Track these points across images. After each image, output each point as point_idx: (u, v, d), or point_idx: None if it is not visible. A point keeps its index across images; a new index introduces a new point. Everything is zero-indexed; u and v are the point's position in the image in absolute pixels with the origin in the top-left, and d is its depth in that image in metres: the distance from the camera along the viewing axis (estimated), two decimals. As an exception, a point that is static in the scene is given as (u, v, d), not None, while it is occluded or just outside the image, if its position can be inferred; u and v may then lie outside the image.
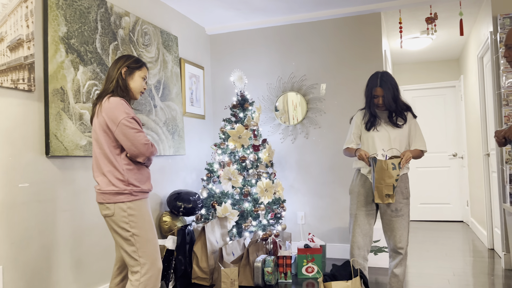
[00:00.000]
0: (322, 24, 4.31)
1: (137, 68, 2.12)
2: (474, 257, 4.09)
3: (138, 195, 2.03)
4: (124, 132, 1.96)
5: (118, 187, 1.98)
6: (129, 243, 2.00)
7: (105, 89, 2.08)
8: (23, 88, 2.33)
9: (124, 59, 2.11)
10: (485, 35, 4.12)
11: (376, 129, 2.57)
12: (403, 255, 2.52)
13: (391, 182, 2.34)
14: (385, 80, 2.50)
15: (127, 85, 2.10)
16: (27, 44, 2.36)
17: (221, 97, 4.69)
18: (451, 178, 6.34)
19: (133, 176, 2.02)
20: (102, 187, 2.00)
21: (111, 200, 1.99)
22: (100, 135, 2.01)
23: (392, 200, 2.38)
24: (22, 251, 2.31)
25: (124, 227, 1.99)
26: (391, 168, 2.32)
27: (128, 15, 3.25)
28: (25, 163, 2.34)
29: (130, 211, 2.00)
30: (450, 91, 6.39)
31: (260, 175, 3.71)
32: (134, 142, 1.97)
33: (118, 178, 1.99)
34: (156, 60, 3.59)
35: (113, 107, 1.97)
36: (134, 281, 2.00)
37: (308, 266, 3.51)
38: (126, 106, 2.00)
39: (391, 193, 2.36)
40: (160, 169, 3.63)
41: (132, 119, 1.98)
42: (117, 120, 1.95)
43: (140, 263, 2.01)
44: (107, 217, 2.02)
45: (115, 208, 1.99)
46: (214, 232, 3.44)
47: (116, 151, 2.01)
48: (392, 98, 2.50)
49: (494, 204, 4.10)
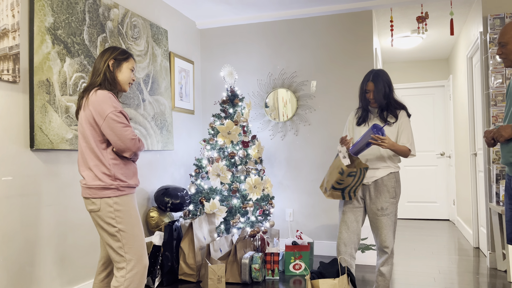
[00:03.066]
0: (314, 20, 4.30)
1: (124, 59, 2.08)
2: (459, 256, 4.13)
3: (124, 190, 1.99)
4: (111, 126, 1.92)
5: (105, 181, 1.94)
6: (115, 239, 1.97)
7: (92, 82, 2.04)
8: (8, 79, 2.27)
9: (111, 51, 2.07)
10: (475, 35, 4.14)
11: (367, 124, 2.57)
12: (389, 254, 2.52)
13: (331, 180, 2.43)
14: (378, 76, 2.50)
15: (115, 77, 2.06)
16: (12, 34, 2.30)
17: (211, 92, 4.65)
18: (438, 177, 6.39)
19: (120, 170, 1.98)
20: (88, 182, 1.96)
21: (97, 195, 1.95)
22: (86, 129, 1.97)
23: (328, 196, 2.47)
24: (5, 246, 2.26)
25: (110, 223, 1.96)
26: (337, 171, 2.38)
27: (117, 7, 3.19)
28: (8, 156, 2.29)
29: (116, 206, 1.96)
30: (439, 90, 6.44)
31: (249, 172, 3.69)
32: (121, 136, 1.93)
33: (104, 172, 1.95)
34: (145, 54, 3.54)
35: (101, 100, 1.93)
36: (120, 277, 1.96)
37: (296, 263, 3.51)
38: (114, 100, 1.96)
39: (328, 188, 2.46)
40: (148, 164, 3.59)
41: (120, 113, 1.95)
42: (104, 114, 1.92)
43: (126, 259, 1.98)
44: (93, 212, 1.99)
45: (101, 203, 1.95)
46: (202, 228, 3.41)
47: (102, 145, 1.97)
48: (382, 95, 2.49)
49: (480, 203, 4.14)
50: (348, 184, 2.40)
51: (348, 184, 2.40)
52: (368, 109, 2.59)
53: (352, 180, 2.39)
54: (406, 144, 2.48)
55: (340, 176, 2.36)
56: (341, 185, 2.40)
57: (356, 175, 2.38)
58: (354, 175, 2.37)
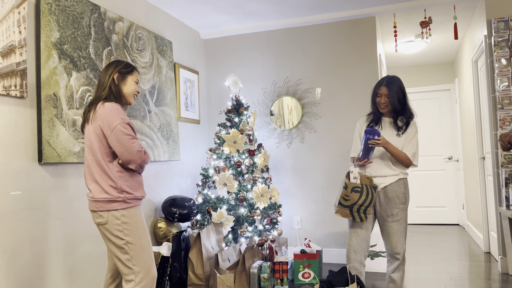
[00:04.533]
0: (317, 28, 4.31)
1: (128, 72, 2.11)
2: (470, 261, 4.08)
3: (131, 202, 2.00)
4: (118, 138, 1.93)
5: (111, 194, 1.95)
6: (123, 251, 1.97)
7: (97, 96, 2.06)
8: (15, 95, 2.30)
9: (115, 65, 2.10)
10: (479, 38, 4.13)
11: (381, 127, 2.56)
12: (401, 260, 2.50)
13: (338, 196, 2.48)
14: (393, 81, 2.49)
15: (120, 90, 2.08)
16: (19, 50, 2.34)
17: (216, 102, 4.67)
18: (446, 181, 6.34)
19: (126, 183, 1.99)
20: (95, 195, 1.97)
21: (104, 208, 1.96)
22: (94, 142, 1.98)
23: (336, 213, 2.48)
24: (14, 260, 2.28)
25: (118, 235, 1.96)
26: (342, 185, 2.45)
27: (122, 20, 3.23)
28: (17, 171, 2.31)
29: (123, 218, 1.97)
30: (444, 94, 6.41)
31: (256, 180, 3.69)
32: (128, 148, 1.94)
33: (110, 185, 1.96)
34: (150, 65, 3.57)
35: (108, 112, 1.95)
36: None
37: (305, 271, 3.49)
38: (121, 112, 1.98)
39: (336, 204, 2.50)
40: (155, 175, 3.60)
41: (128, 125, 1.97)
42: (112, 125, 1.93)
43: (134, 271, 1.98)
44: (100, 225, 1.99)
45: (109, 216, 1.96)
46: (210, 238, 3.41)
47: (109, 158, 1.99)
48: (397, 99, 2.47)
49: (490, 207, 4.10)
50: (355, 201, 2.38)
51: (355, 202, 2.38)
52: (380, 114, 2.58)
53: (358, 197, 2.37)
54: (408, 153, 2.47)
55: (344, 191, 2.36)
56: (347, 201, 2.38)
57: (363, 192, 2.36)
58: (359, 192, 2.36)
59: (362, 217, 2.43)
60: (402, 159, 2.45)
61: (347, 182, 2.34)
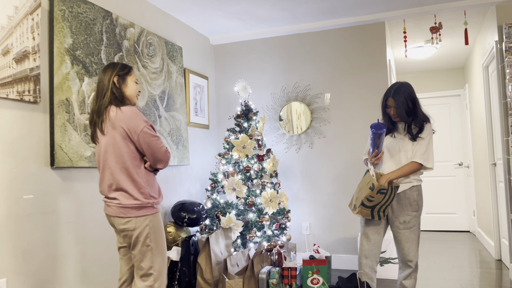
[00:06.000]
0: (326, 33, 4.32)
1: (126, 74, 2.09)
2: (481, 268, 4.03)
3: (157, 207, 2.03)
4: (147, 141, 1.95)
5: (141, 200, 1.96)
6: (147, 257, 1.99)
7: (100, 104, 2.02)
8: (29, 100, 2.34)
9: (111, 69, 2.06)
10: (490, 44, 4.11)
11: (394, 135, 2.53)
12: (413, 268, 2.47)
13: (361, 197, 2.39)
14: (399, 91, 2.44)
15: (122, 93, 2.06)
16: (32, 56, 2.37)
17: (225, 107, 4.69)
18: (457, 187, 6.28)
19: (152, 188, 2.02)
20: (122, 201, 1.96)
21: (133, 214, 1.96)
22: (122, 147, 1.95)
23: (357, 213, 2.42)
24: (26, 263, 2.30)
25: (145, 241, 1.98)
26: (368, 186, 2.35)
27: (133, 26, 3.27)
28: (29, 175, 2.34)
29: (151, 224, 1.99)
30: (455, 100, 6.37)
31: (265, 185, 3.69)
32: (156, 149, 1.97)
33: (140, 191, 1.96)
34: (161, 71, 3.60)
35: (131, 116, 1.95)
36: None
37: (314, 277, 3.48)
38: (141, 114, 2.01)
39: (357, 205, 2.41)
40: (164, 179, 3.62)
41: (151, 126, 2.00)
42: (138, 129, 1.94)
43: (154, 276, 2.00)
44: (127, 231, 1.99)
45: (137, 222, 1.96)
46: (219, 243, 3.41)
47: (137, 163, 1.98)
48: (405, 110, 2.42)
49: (502, 214, 4.05)
50: (379, 202, 2.35)
51: (379, 202, 2.35)
52: (391, 123, 2.56)
53: (382, 198, 2.34)
54: (415, 158, 2.42)
55: (370, 192, 2.31)
56: (371, 202, 2.34)
57: (387, 193, 2.33)
58: (385, 193, 2.33)
59: (381, 215, 2.40)
60: (414, 170, 2.42)
61: (375, 183, 2.29)
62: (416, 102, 2.46)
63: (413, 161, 2.41)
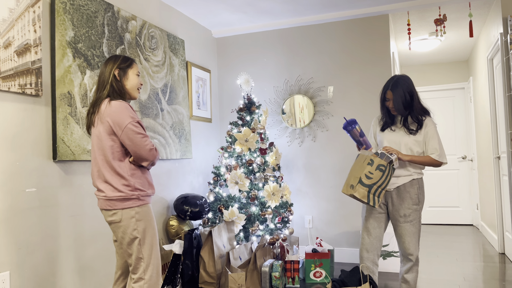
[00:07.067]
0: (330, 26, 4.28)
1: (128, 66, 2.08)
2: (484, 262, 4.03)
3: (144, 199, 2.02)
4: (130, 137, 1.94)
5: (125, 192, 1.97)
6: (136, 249, 1.99)
7: (99, 96, 2.03)
8: (31, 93, 2.33)
9: (113, 61, 2.06)
10: (495, 36, 4.07)
11: (391, 129, 2.53)
12: (414, 261, 2.47)
13: (359, 174, 2.30)
14: (398, 84, 2.44)
15: (123, 86, 2.05)
16: (34, 49, 2.36)
17: (228, 100, 4.68)
18: (460, 181, 6.26)
19: (138, 180, 2.01)
20: (108, 194, 1.98)
21: (118, 206, 1.97)
22: (105, 141, 1.98)
23: (354, 192, 2.29)
24: (29, 256, 2.31)
25: (132, 233, 1.98)
26: (366, 162, 2.28)
27: (135, 19, 3.25)
28: (32, 168, 2.34)
29: (138, 216, 1.99)
30: (459, 93, 6.32)
31: (267, 179, 3.69)
32: (140, 147, 1.95)
33: (124, 184, 1.97)
34: (163, 64, 3.59)
35: (118, 111, 1.95)
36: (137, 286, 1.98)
37: (316, 271, 3.48)
38: (130, 110, 1.98)
39: (354, 184, 2.30)
40: (167, 173, 3.62)
41: (138, 123, 1.97)
42: (123, 125, 1.93)
43: (144, 268, 1.99)
44: (114, 223, 2.01)
45: (123, 214, 1.98)
46: (221, 236, 3.42)
47: (121, 156, 1.99)
48: (402, 104, 2.43)
49: (505, 207, 4.03)
50: (376, 181, 2.28)
51: (376, 181, 2.28)
52: (389, 116, 2.55)
53: (380, 177, 2.28)
54: (433, 154, 2.42)
55: (369, 168, 2.26)
56: (370, 179, 2.28)
57: (385, 171, 2.27)
58: (383, 170, 2.27)
59: (376, 200, 2.33)
60: (427, 163, 2.41)
61: (374, 158, 2.25)
62: (414, 95, 2.46)
63: (429, 155, 2.42)
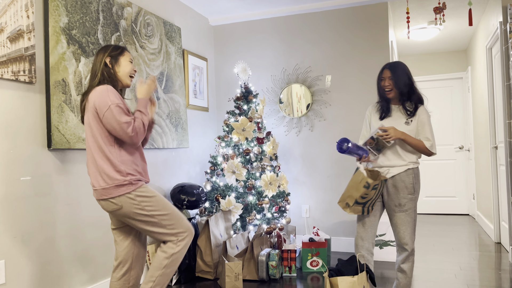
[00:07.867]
0: (328, 14, 4.24)
1: (119, 54, 2.09)
2: (480, 251, 4.05)
3: (137, 182, 2.02)
4: (109, 121, 1.94)
5: (117, 179, 1.96)
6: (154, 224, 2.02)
7: (90, 85, 2.05)
8: (24, 80, 2.29)
9: (104, 50, 2.08)
10: (494, 25, 4.03)
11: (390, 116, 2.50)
12: (409, 251, 2.47)
13: (355, 196, 2.35)
14: (396, 64, 2.43)
15: (115, 73, 2.06)
16: (27, 35, 2.32)
17: (225, 89, 4.64)
18: (457, 170, 6.27)
19: (129, 167, 2.01)
20: (101, 184, 1.98)
21: (114, 194, 1.96)
22: (93, 126, 1.98)
23: (350, 211, 2.39)
24: (25, 245, 2.29)
25: (141, 213, 2.00)
26: (362, 185, 2.31)
27: (130, 6, 3.19)
28: (26, 156, 2.31)
29: (138, 198, 2.00)
30: (457, 82, 6.30)
31: (264, 168, 3.67)
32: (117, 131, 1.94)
33: (115, 170, 1.97)
34: (159, 52, 3.54)
35: (100, 94, 1.95)
36: (172, 244, 2.08)
37: (313, 260, 3.48)
38: (112, 92, 1.96)
39: (350, 203, 2.38)
40: (164, 162, 3.60)
41: (117, 106, 1.94)
42: (104, 108, 1.92)
43: (175, 234, 2.07)
44: (116, 211, 2.00)
45: (122, 200, 1.97)
46: (218, 225, 3.41)
47: (110, 141, 1.98)
48: (402, 81, 2.41)
49: (502, 197, 4.04)
50: (371, 198, 2.36)
51: (371, 198, 2.36)
52: (389, 101, 2.52)
53: (374, 194, 2.35)
54: (425, 143, 2.41)
55: (365, 190, 2.31)
56: (364, 199, 2.35)
57: (378, 188, 2.35)
58: (377, 188, 2.34)
59: (369, 210, 2.43)
60: (418, 147, 2.39)
61: (370, 181, 2.29)
62: (412, 79, 2.45)
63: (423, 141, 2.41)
